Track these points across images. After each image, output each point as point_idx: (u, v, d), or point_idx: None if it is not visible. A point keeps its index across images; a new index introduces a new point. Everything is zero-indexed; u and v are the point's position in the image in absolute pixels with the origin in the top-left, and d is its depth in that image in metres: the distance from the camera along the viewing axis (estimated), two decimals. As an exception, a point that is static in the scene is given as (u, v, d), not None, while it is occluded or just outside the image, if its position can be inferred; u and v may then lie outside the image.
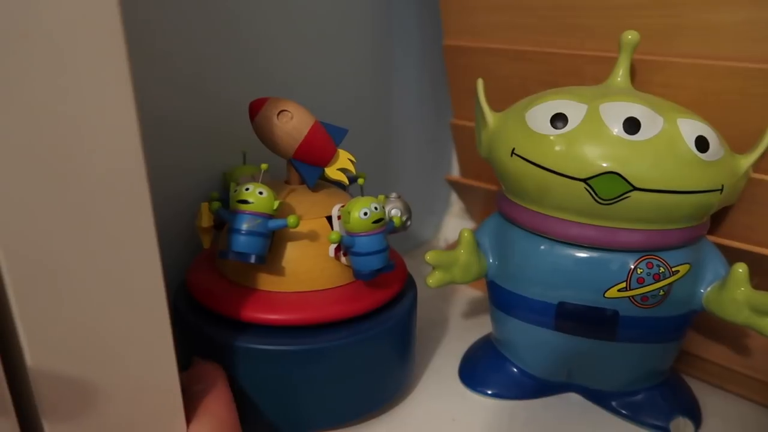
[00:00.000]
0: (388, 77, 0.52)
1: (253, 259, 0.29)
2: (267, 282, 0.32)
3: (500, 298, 0.37)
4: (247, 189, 0.30)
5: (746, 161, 0.32)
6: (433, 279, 0.35)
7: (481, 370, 0.39)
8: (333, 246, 0.31)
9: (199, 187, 0.38)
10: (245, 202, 0.29)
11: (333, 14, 0.45)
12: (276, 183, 0.36)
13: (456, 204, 0.61)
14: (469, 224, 0.58)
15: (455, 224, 0.60)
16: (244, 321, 0.30)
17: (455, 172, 0.57)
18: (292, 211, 0.32)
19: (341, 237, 0.30)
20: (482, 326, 0.44)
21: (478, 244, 0.37)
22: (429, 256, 0.34)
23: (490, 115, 0.36)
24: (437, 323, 0.46)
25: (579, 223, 0.32)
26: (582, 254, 0.33)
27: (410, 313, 0.35)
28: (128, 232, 0.21)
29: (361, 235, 0.30)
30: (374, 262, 0.30)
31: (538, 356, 0.37)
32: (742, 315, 0.31)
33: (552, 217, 0.33)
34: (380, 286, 0.33)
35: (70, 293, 0.20)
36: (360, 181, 0.34)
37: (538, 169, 0.32)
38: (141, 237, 0.22)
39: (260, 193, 0.29)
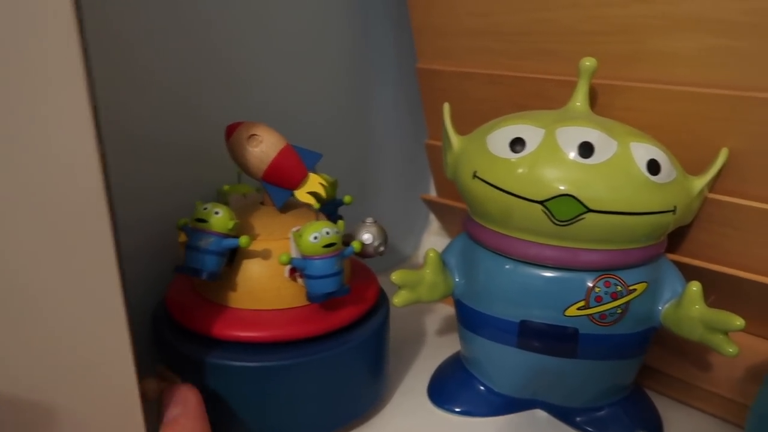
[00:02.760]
0: (367, 98, 0.53)
1: (205, 276, 0.31)
2: (230, 299, 0.33)
3: (466, 317, 0.38)
4: (204, 208, 0.31)
5: (699, 183, 0.33)
6: (400, 298, 0.36)
7: (449, 388, 0.40)
8: (288, 267, 0.32)
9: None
10: (202, 220, 0.31)
11: (310, 38, 0.46)
12: (252, 204, 0.37)
13: (435, 222, 0.62)
14: (447, 242, 0.59)
15: (434, 242, 0.61)
16: (203, 335, 0.32)
17: (434, 192, 0.58)
18: (254, 231, 0.33)
19: (291, 259, 0.31)
20: (458, 344, 0.45)
21: (444, 264, 0.38)
22: (395, 276, 0.35)
23: (455, 138, 0.37)
24: (413, 341, 0.47)
25: (538, 243, 0.33)
26: (543, 273, 0.34)
27: (378, 332, 0.35)
28: (87, 255, 0.22)
29: (314, 259, 0.31)
30: (325, 286, 0.31)
31: (502, 374, 0.38)
32: (697, 332, 0.32)
33: (513, 237, 0.34)
34: (341, 307, 0.34)
35: (29, 319, 0.21)
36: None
37: (499, 191, 0.33)
38: (100, 261, 0.22)
39: (216, 212, 0.31)
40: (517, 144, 0.33)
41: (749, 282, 0.34)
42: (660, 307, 0.34)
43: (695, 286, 0.32)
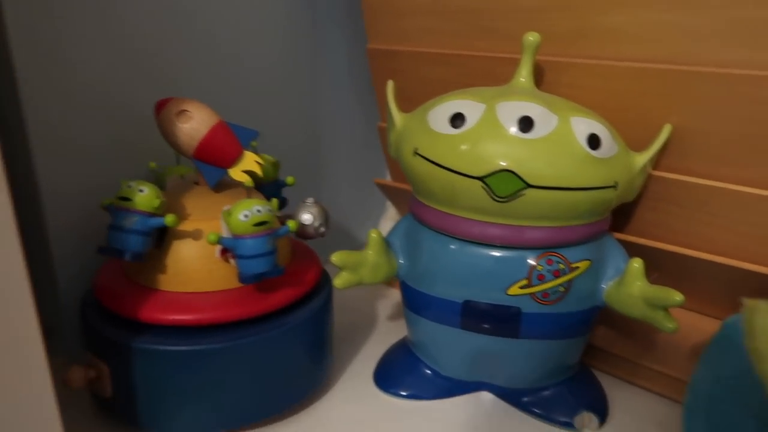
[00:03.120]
0: (316, 80, 0.52)
1: (128, 256, 0.29)
2: (160, 281, 0.32)
3: (411, 299, 0.37)
4: (129, 186, 0.30)
5: (641, 159, 0.33)
6: (341, 280, 0.35)
7: (395, 372, 0.39)
8: (218, 247, 0.31)
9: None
10: (126, 199, 0.29)
11: (256, 15, 0.45)
12: (186, 182, 0.36)
13: (392, 208, 0.61)
14: (405, 227, 0.58)
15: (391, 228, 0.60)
16: (132, 319, 0.30)
17: (390, 177, 0.57)
18: (186, 210, 0.32)
19: (221, 238, 0.30)
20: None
21: (389, 245, 0.37)
22: (335, 257, 0.34)
23: (398, 116, 0.36)
24: (362, 326, 0.46)
25: (482, 222, 0.32)
26: (486, 252, 0.33)
27: (318, 316, 0.34)
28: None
29: (245, 238, 0.29)
30: (256, 266, 0.30)
31: (447, 356, 0.37)
32: (638, 309, 0.32)
33: (457, 216, 0.33)
34: (277, 289, 0.32)
35: None
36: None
37: (439, 168, 0.32)
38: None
39: (141, 190, 0.29)
40: (457, 119, 0.32)
41: (693, 259, 0.34)
42: (603, 285, 0.34)
43: (637, 263, 0.32)
